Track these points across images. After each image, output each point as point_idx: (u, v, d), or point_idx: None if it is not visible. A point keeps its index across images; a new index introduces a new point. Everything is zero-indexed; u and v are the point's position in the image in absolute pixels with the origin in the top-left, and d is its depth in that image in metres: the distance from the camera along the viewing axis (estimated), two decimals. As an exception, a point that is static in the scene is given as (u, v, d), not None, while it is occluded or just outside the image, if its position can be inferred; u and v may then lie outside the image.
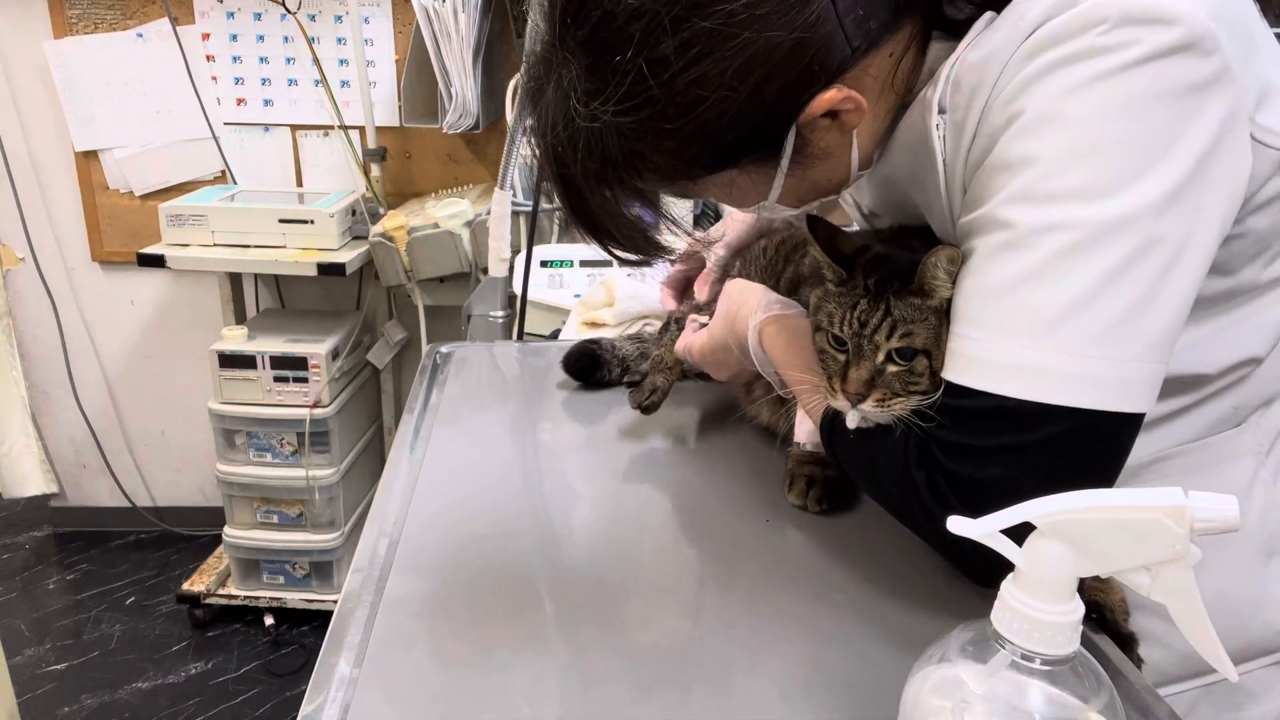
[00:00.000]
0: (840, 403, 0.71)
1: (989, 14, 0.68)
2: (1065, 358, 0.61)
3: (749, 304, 0.88)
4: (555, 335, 1.47)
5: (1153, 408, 0.63)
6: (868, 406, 0.69)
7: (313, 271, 2.26)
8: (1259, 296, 0.73)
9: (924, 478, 0.66)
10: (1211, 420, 0.77)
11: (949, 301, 0.68)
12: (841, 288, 0.73)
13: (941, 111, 0.69)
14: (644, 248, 0.75)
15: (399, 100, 2.49)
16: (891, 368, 0.69)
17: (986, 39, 0.66)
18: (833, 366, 0.72)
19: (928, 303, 0.69)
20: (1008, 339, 0.62)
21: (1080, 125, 0.61)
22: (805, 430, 0.86)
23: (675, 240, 0.78)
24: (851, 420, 0.71)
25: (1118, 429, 0.63)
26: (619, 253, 0.75)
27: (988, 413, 0.63)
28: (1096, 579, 0.47)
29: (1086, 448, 0.63)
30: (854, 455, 0.75)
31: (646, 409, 0.99)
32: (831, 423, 0.75)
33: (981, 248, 0.65)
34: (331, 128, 2.57)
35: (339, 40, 2.50)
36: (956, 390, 0.65)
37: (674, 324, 1.04)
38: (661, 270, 1.70)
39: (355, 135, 2.54)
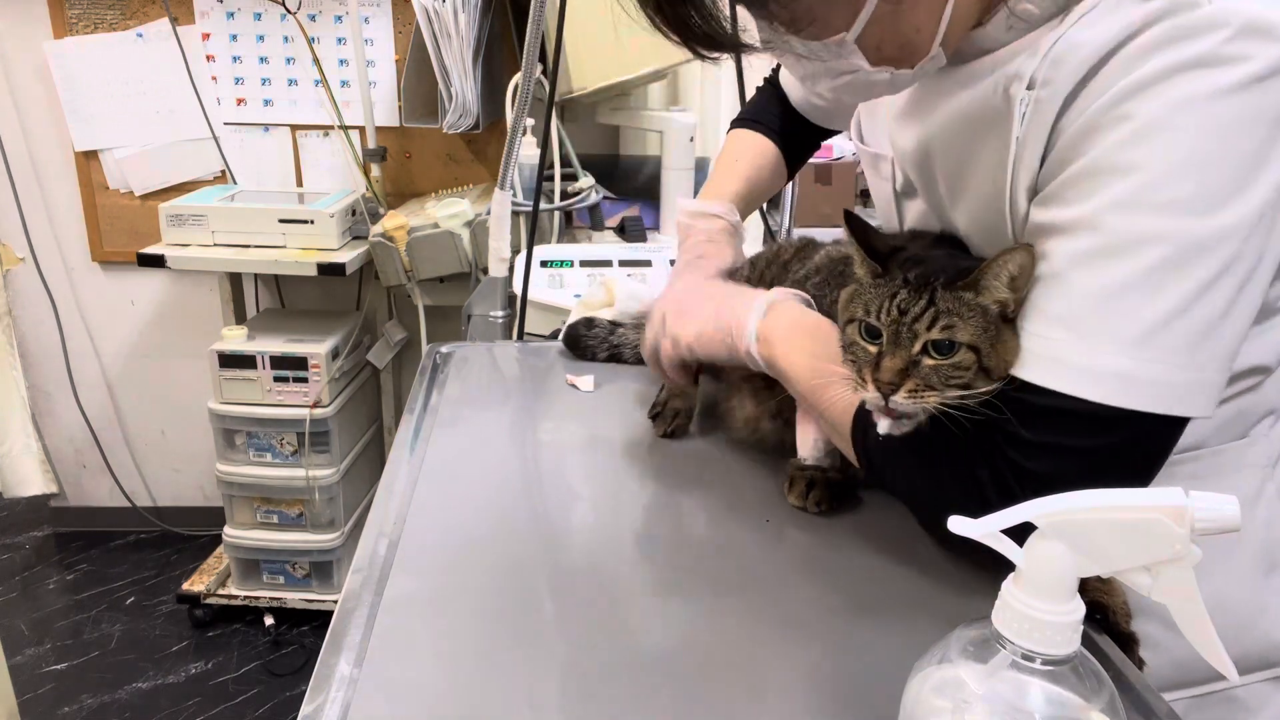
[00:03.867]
0: (870, 393, 0.68)
1: None
2: (1153, 367, 0.62)
3: (740, 302, 0.87)
4: (555, 335, 1.47)
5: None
6: (899, 397, 0.67)
7: (313, 271, 2.26)
8: (1275, 313, 0.73)
9: (989, 475, 0.66)
10: (1216, 425, 0.77)
11: (1003, 303, 0.67)
12: (877, 280, 0.71)
13: (1030, 87, 0.67)
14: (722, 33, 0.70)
15: (399, 100, 2.49)
16: (928, 360, 0.67)
17: (1097, 19, 0.65)
18: (864, 357, 0.70)
19: (977, 299, 0.67)
20: (1097, 345, 0.63)
21: (1189, 139, 0.61)
22: (809, 442, 0.85)
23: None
24: (883, 426, 0.69)
25: (1175, 431, 0.65)
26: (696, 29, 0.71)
27: (1065, 414, 0.64)
28: (1099, 580, 0.47)
29: (1149, 449, 0.65)
30: (894, 455, 0.73)
31: (672, 435, 0.99)
32: (867, 418, 0.73)
33: (1069, 250, 0.65)
34: (331, 128, 2.57)
35: (339, 40, 2.50)
36: (1033, 389, 0.65)
37: None
38: (661, 271, 1.70)
39: (355, 135, 2.54)
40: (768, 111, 1.16)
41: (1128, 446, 0.64)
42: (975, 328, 0.66)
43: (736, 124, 1.18)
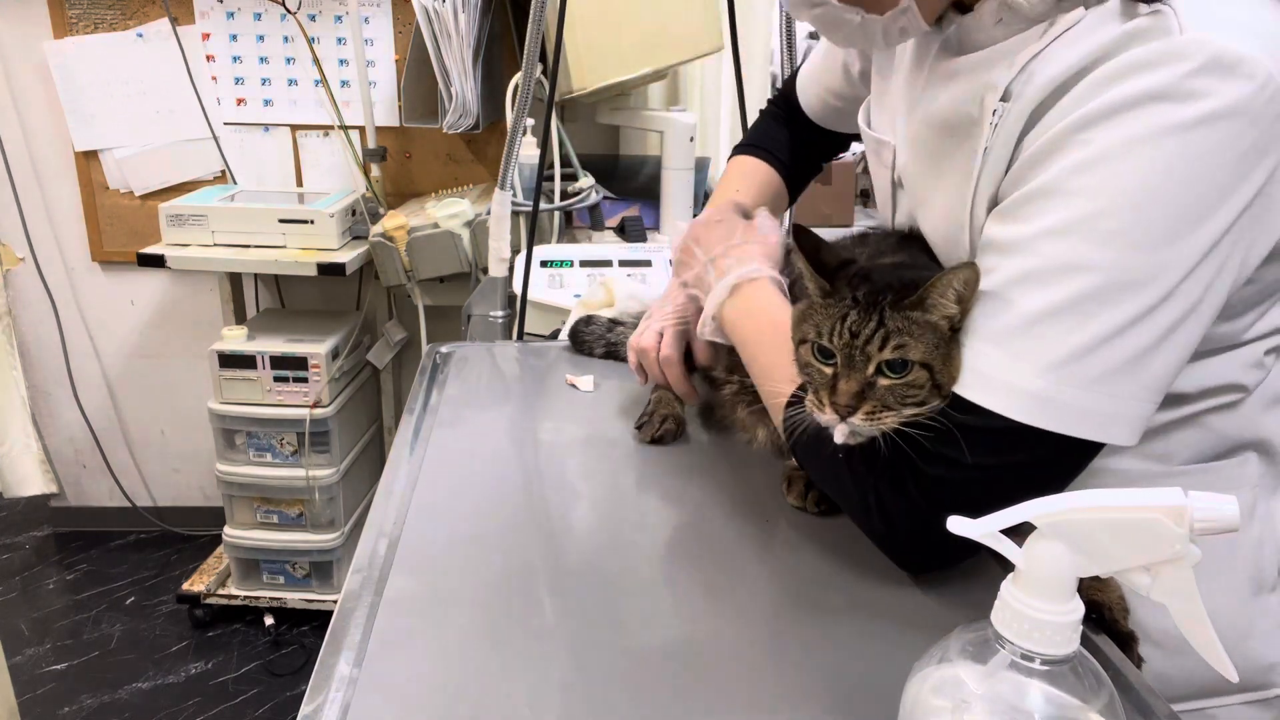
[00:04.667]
0: (827, 416, 0.69)
1: (1080, 10, 0.67)
2: (1071, 391, 0.63)
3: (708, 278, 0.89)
4: (555, 335, 1.47)
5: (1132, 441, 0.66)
6: (857, 420, 0.67)
7: (313, 271, 2.26)
8: (1248, 338, 0.73)
9: (888, 479, 0.69)
10: (1196, 445, 0.77)
11: (951, 319, 0.68)
12: (827, 300, 0.72)
13: (1004, 99, 0.68)
14: None
15: (399, 100, 2.49)
16: (883, 380, 0.67)
17: (1078, 37, 0.65)
18: (819, 379, 0.70)
19: (925, 317, 0.68)
20: (1020, 364, 0.64)
21: (1140, 173, 0.61)
22: None
23: None
24: (839, 435, 0.69)
25: (1087, 455, 0.66)
26: None
27: (981, 430, 0.65)
28: (1094, 579, 0.47)
29: (1055, 470, 0.67)
30: (808, 452, 0.76)
31: (660, 440, 0.98)
32: (794, 421, 0.74)
33: (1009, 269, 0.66)
34: (331, 128, 2.57)
35: (339, 40, 2.50)
36: (959, 403, 0.66)
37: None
38: (661, 271, 1.70)
39: (355, 135, 2.54)
40: (769, 135, 1.17)
41: (1038, 464, 0.66)
42: (926, 345, 0.67)
43: (738, 149, 1.19)
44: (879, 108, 0.91)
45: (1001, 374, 0.65)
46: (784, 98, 1.18)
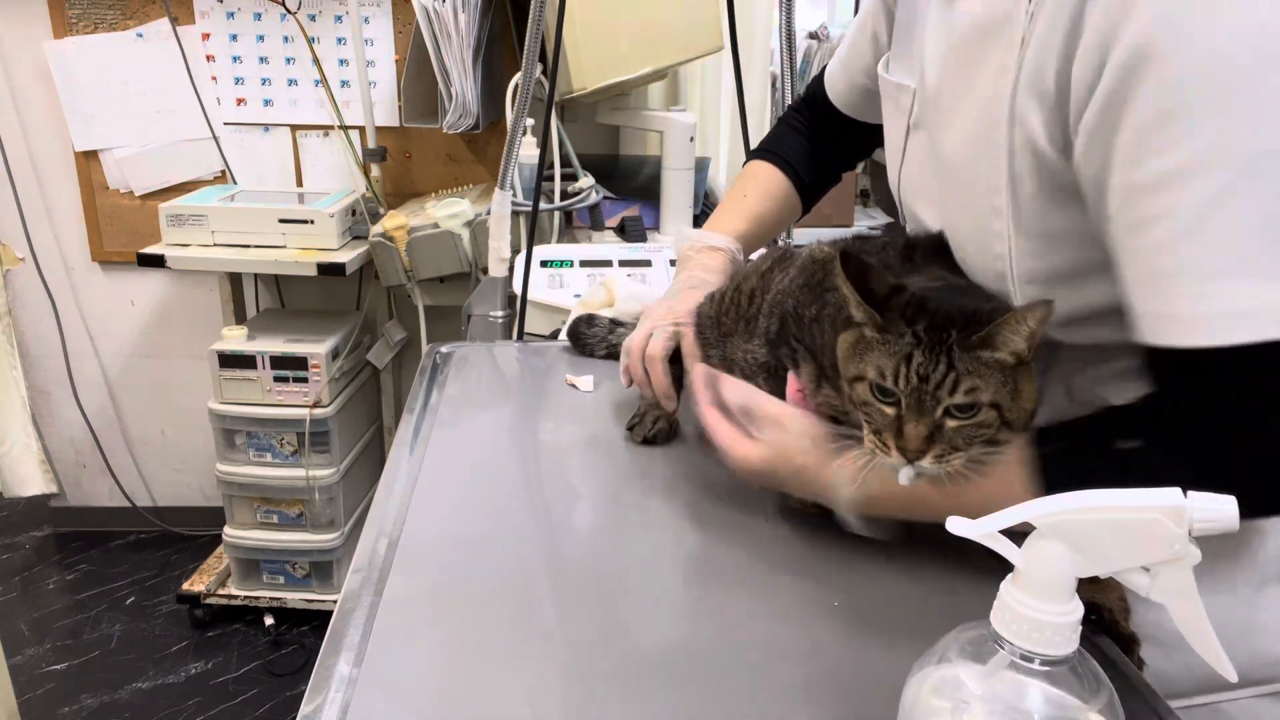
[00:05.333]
0: (894, 459, 0.66)
1: None
2: None
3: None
4: (555, 335, 1.47)
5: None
6: (925, 462, 0.65)
7: (313, 271, 2.26)
8: None
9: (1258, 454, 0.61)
10: None
11: (1019, 355, 0.65)
12: (883, 335, 0.67)
13: None
14: None
15: (399, 100, 2.49)
16: (951, 422, 0.65)
17: None
18: (880, 420, 0.67)
19: (994, 355, 0.65)
20: (1272, 283, 0.58)
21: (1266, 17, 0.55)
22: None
23: None
24: (905, 478, 0.67)
25: None
26: None
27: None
28: (1093, 580, 0.47)
29: None
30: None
31: (653, 440, 0.98)
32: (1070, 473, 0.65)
33: (1196, 196, 0.58)
34: (331, 128, 2.57)
35: (339, 40, 2.50)
36: (1222, 353, 0.59)
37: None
38: (661, 271, 1.70)
39: (355, 135, 2.54)
40: (786, 143, 1.16)
41: None
42: (996, 384, 0.64)
43: (754, 154, 1.18)
44: (901, 56, 0.89)
45: (1262, 301, 0.57)
46: (805, 104, 1.17)
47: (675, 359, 0.99)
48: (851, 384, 0.69)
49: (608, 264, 1.71)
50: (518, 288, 1.46)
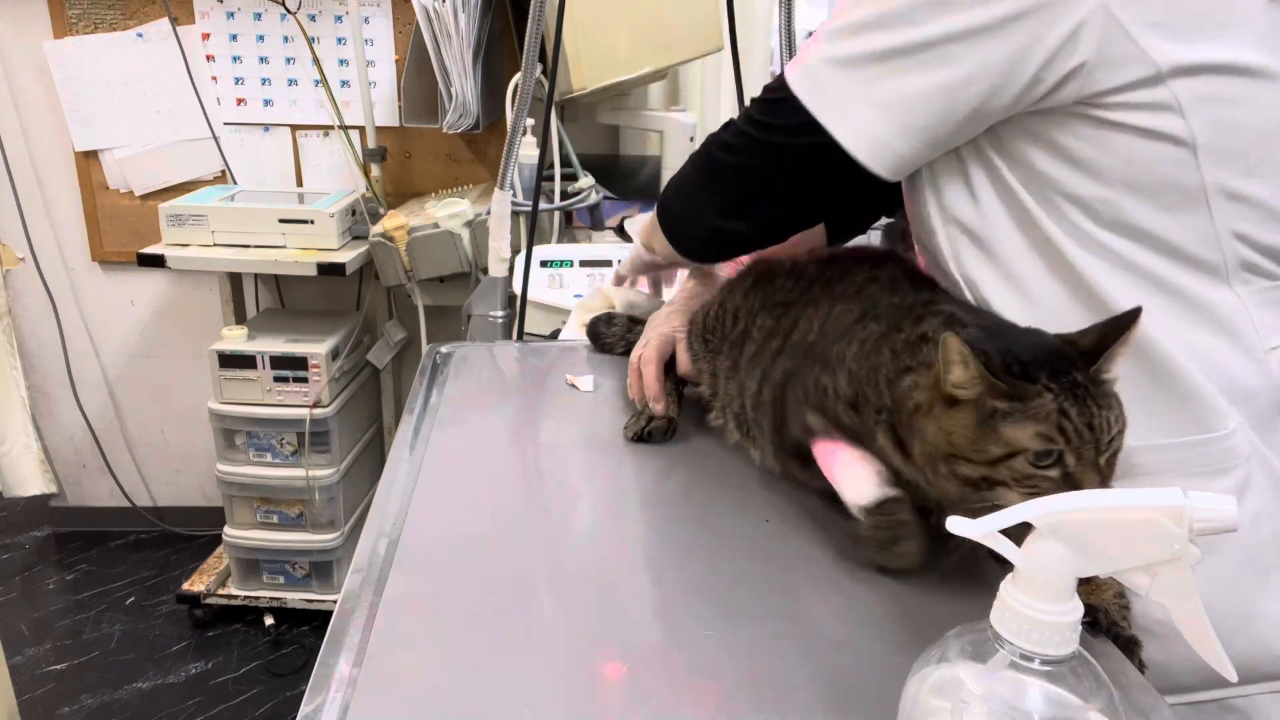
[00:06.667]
0: None
1: None
2: (833, 77, 0.81)
3: None
4: (555, 335, 1.47)
5: None
6: None
7: (313, 271, 2.26)
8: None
9: None
10: (1175, 419, 0.76)
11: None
12: (1016, 401, 0.63)
13: None
14: None
15: (399, 100, 2.49)
16: (1104, 457, 0.64)
17: None
18: (1049, 487, 0.63)
19: (1111, 378, 0.65)
20: (815, 49, 0.83)
21: None
22: (865, 479, 0.75)
23: None
24: None
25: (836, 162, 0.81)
26: None
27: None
28: (1087, 582, 0.47)
29: (805, 158, 0.87)
30: None
31: (649, 438, 0.98)
32: None
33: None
34: (331, 128, 2.57)
35: (339, 40, 2.50)
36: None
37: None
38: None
39: (355, 135, 2.54)
40: None
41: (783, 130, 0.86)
42: (1121, 406, 0.65)
43: None
44: None
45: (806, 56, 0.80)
46: None
47: (673, 365, 1.02)
48: (995, 465, 0.64)
49: (608, 264, 1.71)
50: (518, 288, 1.46)
